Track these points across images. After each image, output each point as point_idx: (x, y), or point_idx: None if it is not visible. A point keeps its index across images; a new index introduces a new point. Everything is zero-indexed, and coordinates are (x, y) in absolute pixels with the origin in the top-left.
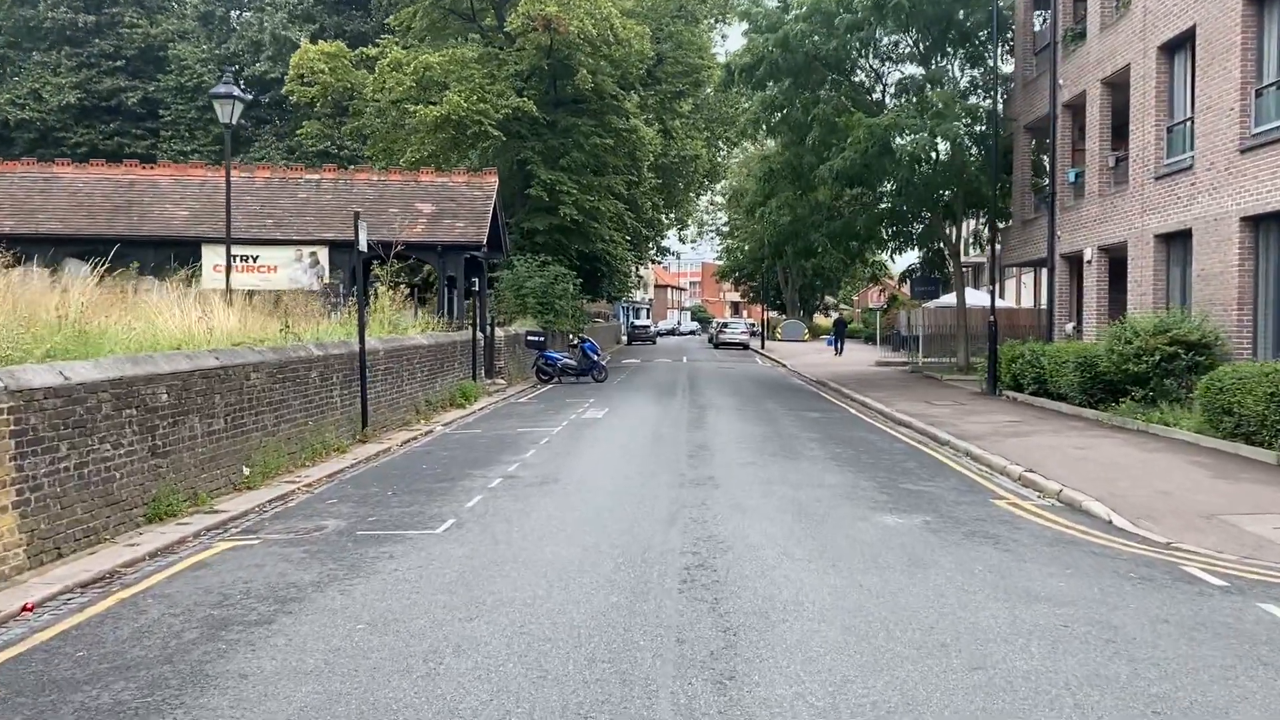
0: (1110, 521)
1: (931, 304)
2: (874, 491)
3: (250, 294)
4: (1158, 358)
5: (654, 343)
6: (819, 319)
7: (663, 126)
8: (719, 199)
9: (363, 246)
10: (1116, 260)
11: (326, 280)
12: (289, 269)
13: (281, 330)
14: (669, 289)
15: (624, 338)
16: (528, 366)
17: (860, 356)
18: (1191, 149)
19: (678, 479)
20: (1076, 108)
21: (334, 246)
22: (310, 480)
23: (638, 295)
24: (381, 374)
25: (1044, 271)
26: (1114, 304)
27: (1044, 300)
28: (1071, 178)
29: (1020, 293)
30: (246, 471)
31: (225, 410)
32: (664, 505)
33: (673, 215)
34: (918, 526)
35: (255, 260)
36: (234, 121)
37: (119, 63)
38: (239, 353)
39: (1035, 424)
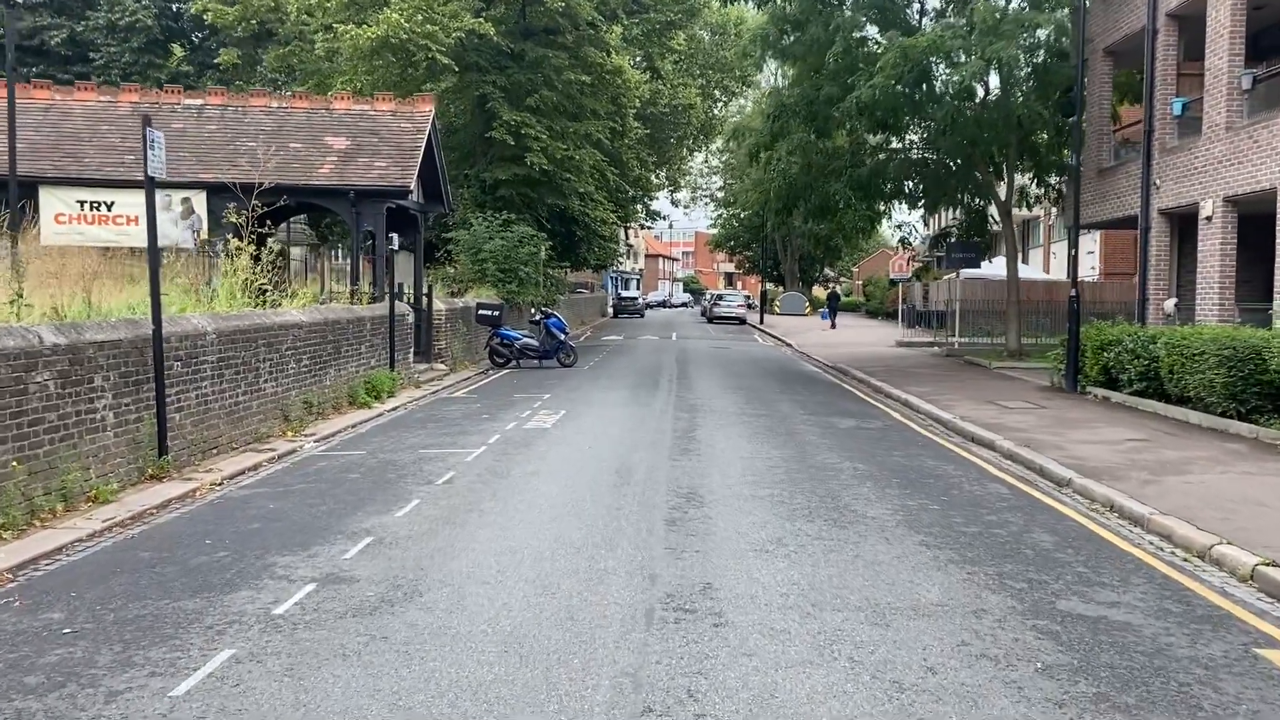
0: None
1: (964, 274)
2: (1024, 629)
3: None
4: None
5: (642, 316)
6: (817, 291)
7: (650, 66)
8: (714, 160)
9: (156, 171)
10: (1250, 216)
11: (204, 235)
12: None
13: (11, 302)
14: (660, 259)
15: (610, 310)
16: (481, 347)
17: (873, 335)
18: None
19: (644, 590)
20: (1187, 17)
21: (214, 191)
22: None
23: (627, 265)
24: (214, 368)
25: (1094, 236)
26: (1245, 276)
27: (1096, 271)
28: (1177, 110)
29: (1049, 262)
30: None
31: None
32: (605, 698)
33: (663, 174)
34: None
35: (110, 208)
36: None
37: None
38: None
39: (1175, 446)
